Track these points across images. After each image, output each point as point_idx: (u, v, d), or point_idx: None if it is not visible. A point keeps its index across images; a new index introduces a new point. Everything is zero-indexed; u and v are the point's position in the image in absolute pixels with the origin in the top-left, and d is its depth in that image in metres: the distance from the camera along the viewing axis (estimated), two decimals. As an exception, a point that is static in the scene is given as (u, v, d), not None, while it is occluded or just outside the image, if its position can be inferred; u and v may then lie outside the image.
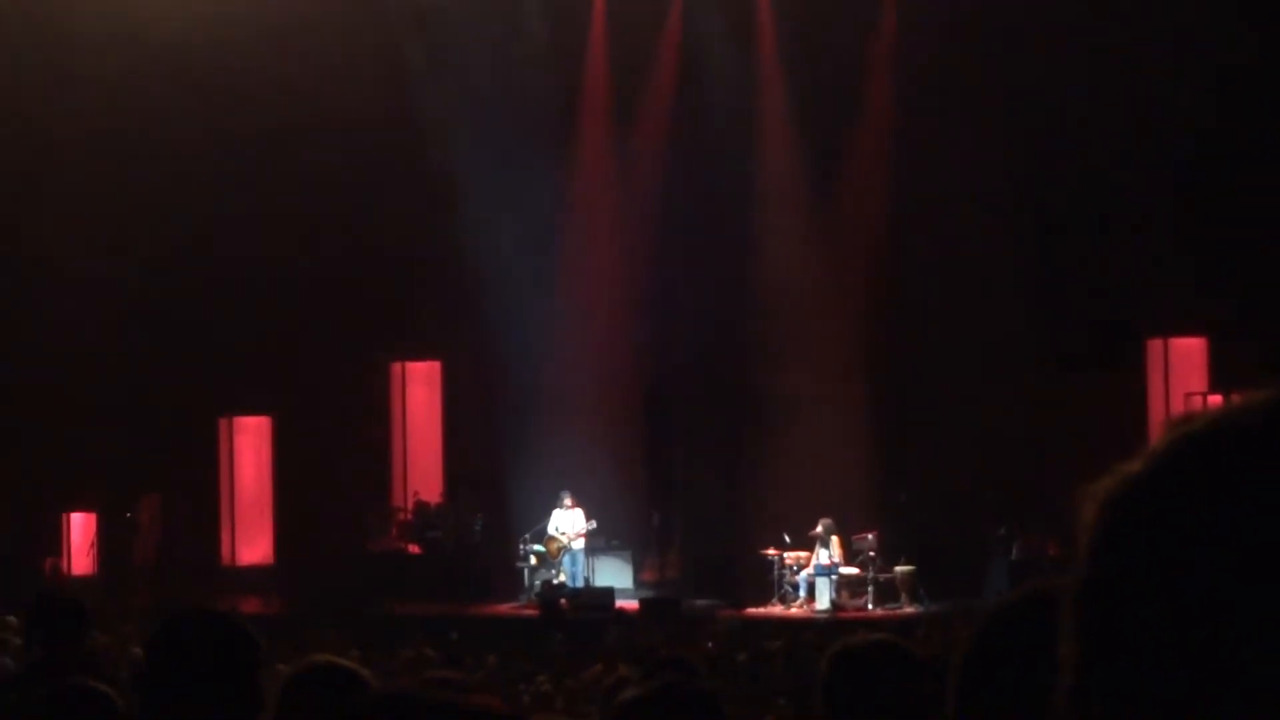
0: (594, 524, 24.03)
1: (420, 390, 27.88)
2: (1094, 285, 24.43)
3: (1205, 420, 1.07)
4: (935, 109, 24.72)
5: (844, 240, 25.95)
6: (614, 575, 24.24)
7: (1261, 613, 0.97)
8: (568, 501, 24.06)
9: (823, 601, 22.72)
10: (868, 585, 22.96)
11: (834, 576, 22.86)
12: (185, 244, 26.28)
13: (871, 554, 23.05)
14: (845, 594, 22.97)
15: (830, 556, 22.88)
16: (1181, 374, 24.65)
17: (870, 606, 22.74)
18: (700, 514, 25.22)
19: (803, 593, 23.04)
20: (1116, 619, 1.03)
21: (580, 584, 23.75)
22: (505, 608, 23.93)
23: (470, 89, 25.90)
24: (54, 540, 26.45)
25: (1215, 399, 22.12)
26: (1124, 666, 1.02)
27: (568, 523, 24.07)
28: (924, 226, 25.01)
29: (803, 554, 23.15)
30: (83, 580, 25.91)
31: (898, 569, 22.97)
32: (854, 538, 23.14)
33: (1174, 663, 0.99)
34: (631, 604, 23.00)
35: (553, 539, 24.14)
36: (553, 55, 26.58)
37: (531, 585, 24.11)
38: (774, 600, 23.17)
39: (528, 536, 24.41)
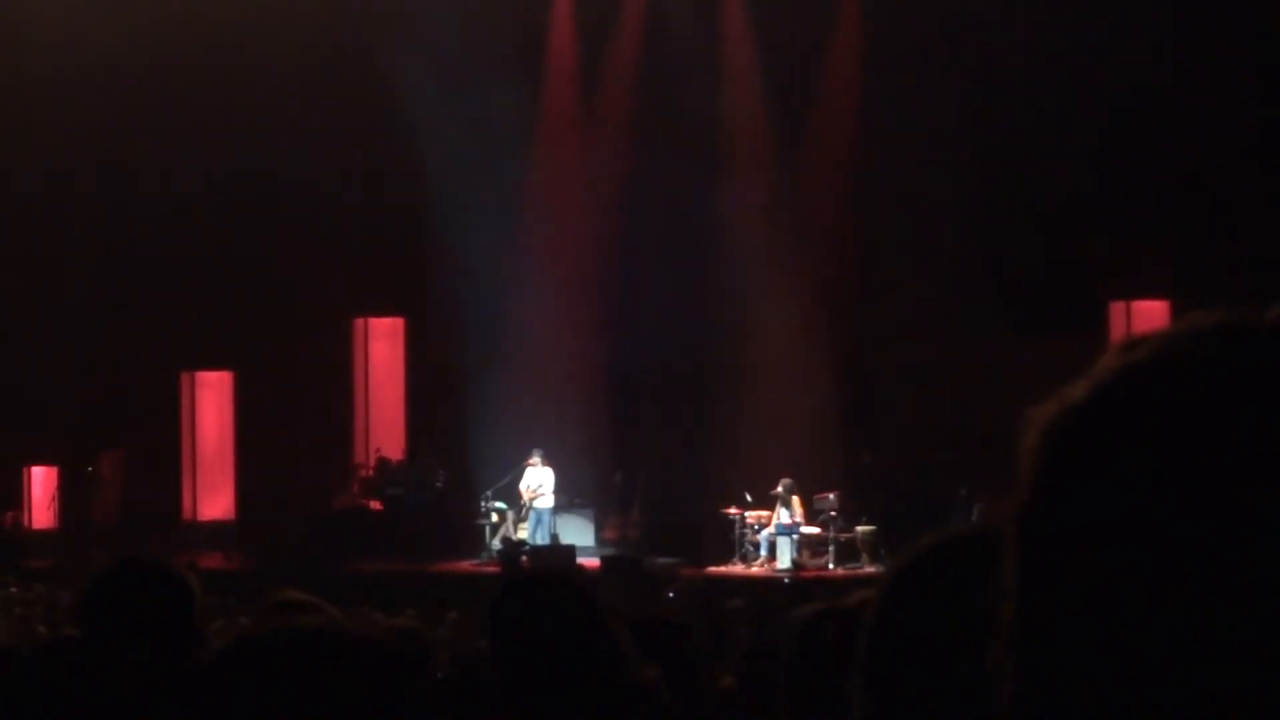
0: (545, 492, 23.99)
1: (383, 346, 27.82)
2: (1057, 249, 24.46)
3: (1150, 346, 1.05)
4: (901, 72, 24.64)
5: (809, 205, 25.92)
6: (576, 533, 24.23)
7: (1201, 545, 0.96)
8: (536, 460, 24.01)
9: (784, 560, 22.76)
10: (829, 545, 23.01)
11: (795, 536, 22.91)
12: (147, 196, 26.13)
13: (833, 514, 23.09)
14: (806, 553, 23.02)
15: (791, 516, 22.93)
16: (1144, 337, 24.70)
17: (831, 566, 22.79)
18: (663, 473, 25.21)
19: (764, 551, 23.08)
20: (1057, 549, 1.02)
21: (544, 541, 23.72)
22: (466, 565, 23.93)
23: (433, 43, 25.60)
24: (13, 494, 26.34)
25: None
26: (1065, 598, 1.01)
27: (537, 481, 24.04)
28: (888, 190, 24.99)
29: (764, 513, 23.19)
30: (43, 535, 25.85)
31: (859, 529, 23.02)
32: (815, 497, 23.18)
33: (1115, 596, 0.99)
34: (593, 562, 23.01)
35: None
36: (518, 9, 26.43)
37: (492, 542, 24.11)
38: (735, 559, 23.22)
39: (489, 494, 24.39)
